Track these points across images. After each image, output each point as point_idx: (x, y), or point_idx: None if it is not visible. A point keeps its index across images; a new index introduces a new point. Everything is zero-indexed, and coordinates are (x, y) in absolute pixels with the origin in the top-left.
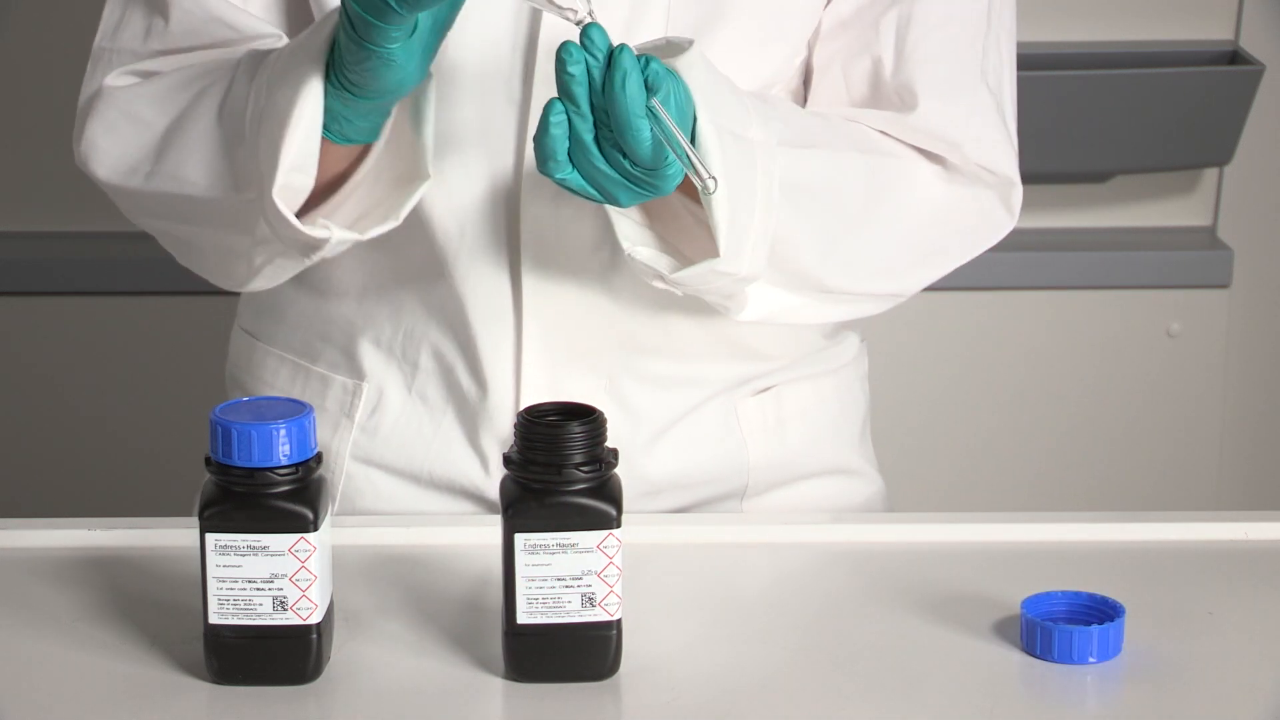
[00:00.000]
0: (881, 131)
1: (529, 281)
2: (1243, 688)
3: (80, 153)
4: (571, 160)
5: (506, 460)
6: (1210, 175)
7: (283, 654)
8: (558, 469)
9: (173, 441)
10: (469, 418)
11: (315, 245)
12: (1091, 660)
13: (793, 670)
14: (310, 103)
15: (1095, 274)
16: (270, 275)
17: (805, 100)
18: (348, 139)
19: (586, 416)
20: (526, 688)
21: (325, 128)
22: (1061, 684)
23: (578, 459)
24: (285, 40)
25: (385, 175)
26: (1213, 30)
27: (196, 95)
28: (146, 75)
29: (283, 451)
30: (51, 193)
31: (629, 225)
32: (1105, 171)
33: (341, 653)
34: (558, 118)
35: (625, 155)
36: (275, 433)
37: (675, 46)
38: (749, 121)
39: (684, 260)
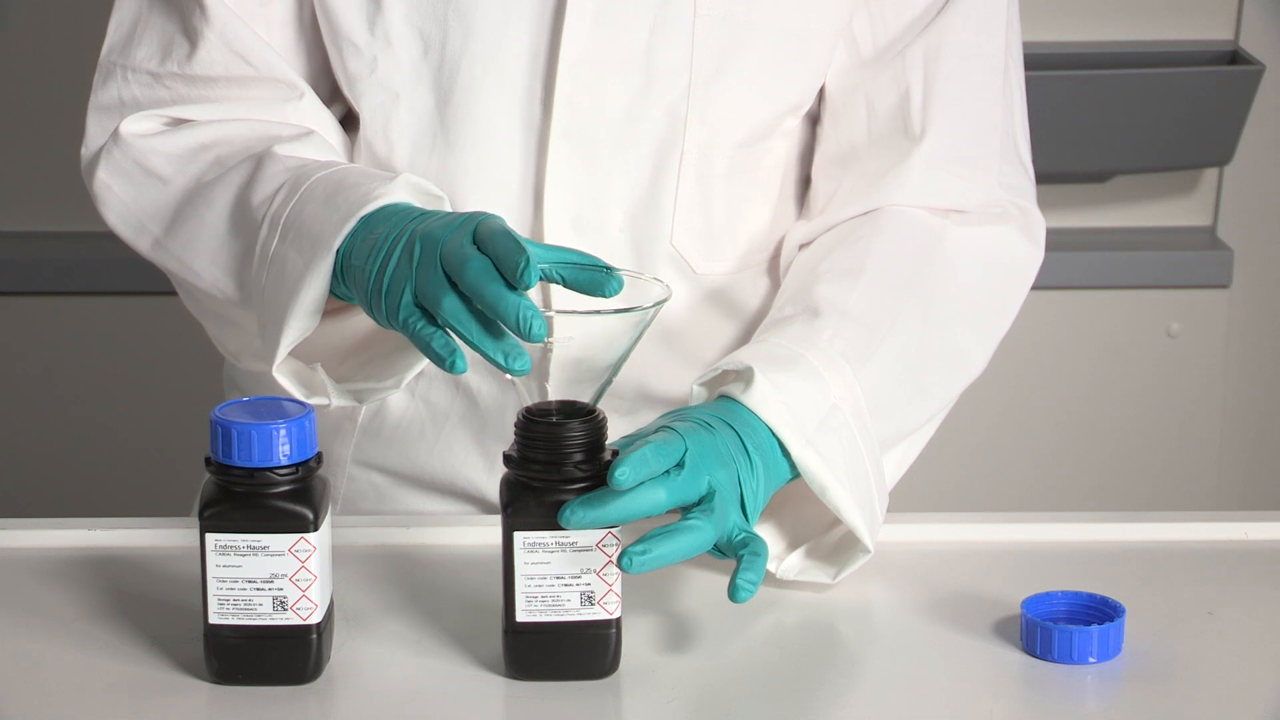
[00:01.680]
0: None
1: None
2: (1243, 688)
3: (94, 192)
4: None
5: (506, 458)
6: (1210, 175)
7: (283, 654)
8: (557, 467)
9: (173, 441)
10: (476, 421)
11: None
12: (1091, 660)
13: (793, 670)
14: (314, 289)
15: (1095, 274)
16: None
17: (822, 126)
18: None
19: (586, 415)
20: (526, 686)
21: (333, 290)
22: (1061, 684)
23: (577, 457)
24: (299, 87)
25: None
26: (1213, 30)
27: (213, 179)
28: (162, 122)
29: (283, 451)
30: (51, 193)
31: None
32: (1105, 171)
33: (341, 653)
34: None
35: None
36: (275, 433)
37: (732, 374)
38: (824, 383)
39: (828, 557)
